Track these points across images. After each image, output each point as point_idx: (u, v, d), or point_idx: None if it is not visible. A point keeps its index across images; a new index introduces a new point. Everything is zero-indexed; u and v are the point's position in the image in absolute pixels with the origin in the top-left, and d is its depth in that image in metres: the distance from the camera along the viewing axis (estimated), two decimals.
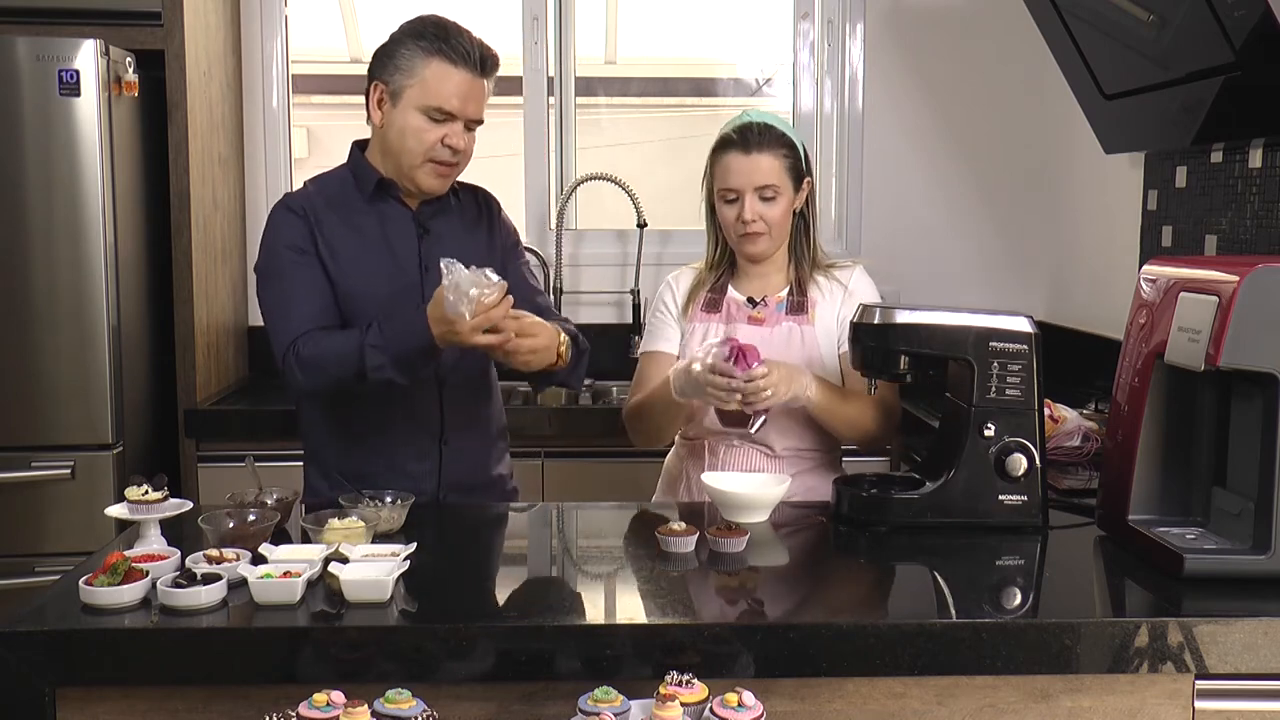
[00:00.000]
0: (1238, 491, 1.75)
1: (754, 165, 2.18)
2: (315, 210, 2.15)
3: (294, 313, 2.08)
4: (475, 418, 2.25)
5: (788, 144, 2.22)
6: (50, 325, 2.86)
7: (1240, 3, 2.20)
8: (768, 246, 2.24)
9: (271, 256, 2.14)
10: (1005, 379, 1.95)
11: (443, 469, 2.19)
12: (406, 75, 2.06)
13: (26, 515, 2.89)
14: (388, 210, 2.17)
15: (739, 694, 1.37)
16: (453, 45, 2.06)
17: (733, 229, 2.23)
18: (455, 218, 2.23)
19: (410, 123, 2.07)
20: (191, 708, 1.53)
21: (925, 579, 1.83)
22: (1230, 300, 1.61)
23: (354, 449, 2.17)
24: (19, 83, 2.80)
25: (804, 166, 2.25)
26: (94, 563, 1.68)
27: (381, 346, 1.97)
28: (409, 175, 2.11)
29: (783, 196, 2.20)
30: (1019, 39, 3.50)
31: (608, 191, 3.70)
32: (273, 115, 3.70)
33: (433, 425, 2.18)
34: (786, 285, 2.30)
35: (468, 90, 2.07)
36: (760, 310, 2.27)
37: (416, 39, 2.07)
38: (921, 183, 3.80)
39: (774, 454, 2.25)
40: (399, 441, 2.16)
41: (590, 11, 3.85)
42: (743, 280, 2.32)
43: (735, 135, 2.21)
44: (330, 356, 2.02)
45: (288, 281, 2.11)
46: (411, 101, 2.06)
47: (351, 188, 2.18)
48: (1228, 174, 2.63)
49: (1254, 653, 1.54)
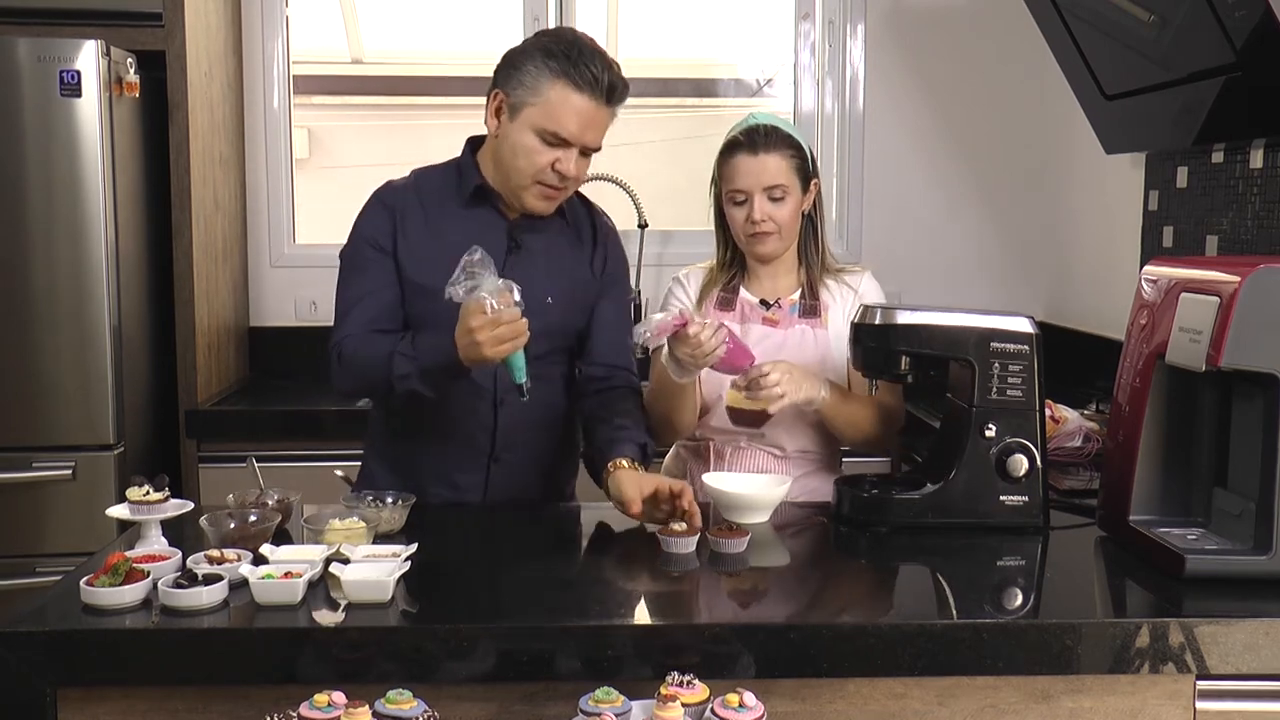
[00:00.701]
0: (1239, 492, 1.75)
1: (762, 166, 2.18)
2: (405, 205, 2.10)
3: (353, 311, 2.07)
4: (534, 438, 2.18)
5: (794, 145, 2.22)
6: (51, 325, 2.86)
7: (1241, 3, 2.20)
8: (777, 246, 2.24)
9: (350, 246, 2.12)
10: (1006, 379, 1.95)
11: (489, 485, 2.16)
12: (529, 92, 1.98)
13: (27, 515, 2.89)
14: (483, 217, 2.09)
15: (740, 694, 1.37)
16: (581, 70, 1.97)
17: (742, 230, 2.23)
18: (556, 235, 2.15)
19: (524, 141, 1.99)
20: (192, 708, 1.53)
21: (926, 579, 1.83)
22: (1231, 301, 1.61)
23: (407, 449, 2.16)
24: (20, 83, 2.80)
25: (811, 168, 2.25)
26: (95, 563, 1.68)
27: (411, 356, 1.96)
28: (514, 193, 2.06)
29: (791, 197, 2.21)
30: (1020, 39, 3.51)
31: (609, 192, 3.70)
32: (274, 116, 3.70)
33: (483, 442, 2.13)
34: (797, 287, 2.30)
35: (589, 118, 2.00)
36: (774, 312, 2.27)
37: (547, 56, 1.98)
38: (922, 183, 3.80)
39: (784, 454, 2.25)
40: (449, 452, 2.14)
41: (591, 12, 3.84)
42: (753, 282, 2.31)
43: (743, 137, 2.21)
44: (365, 360, 2.02)
45: (358, 277, 2.09)
46: (529, 120, 1.99)
47: (452, 187, 2.12)
48: (1229, 174, 2.63)
49: (1255, 653, 1.54)
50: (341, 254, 2.15)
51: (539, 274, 2.06)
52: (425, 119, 4.12)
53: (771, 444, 2.25)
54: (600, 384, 2.19)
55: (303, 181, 3.84)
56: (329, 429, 3.06)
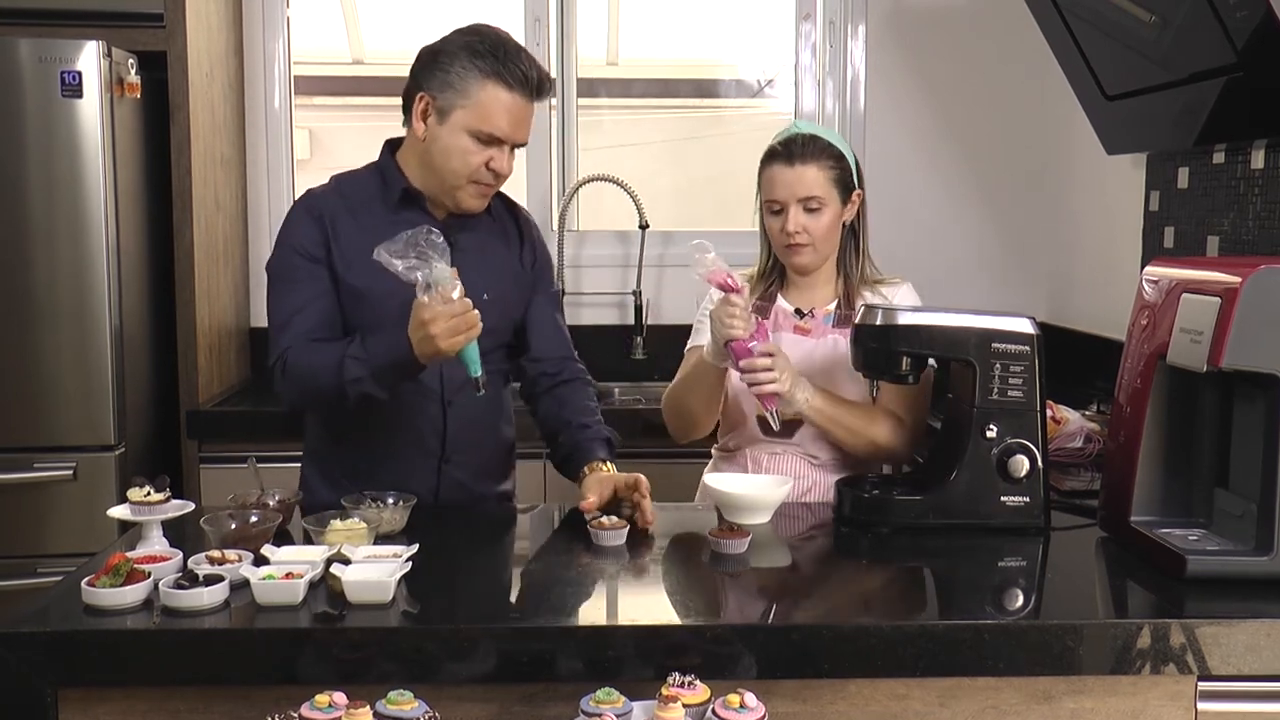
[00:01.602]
0: (1240, 493, 1.75)
1: (798, 177, 2.16)
2: (333, 212, 2.08)
3: (291, 322, 2.05)
4: (481, 438, 2.20)
5: (835, 155, 2.20)
6: (52, 326, 2.86)
7: (1242, 3, 2.20)
8: (812, 259, 2.23)
9: (280, 258, 2.10)
10: (1007, 380, 1.95)
11: (440, 487, 2.15)
12: (458, 94, 1.98)
13: (28, 516, 2.89)
14: (412, 220, 2.03)
15: (741, 695, 1.37)
16: (511, 69, 1.97)
17: (778, 240, 2.22)
18: (485, 233, 2.16)
19: (457, 143, 2.00)
20: (193, 709, 1.53)
21: (927, 580, 1.83)
22: (1232, 301, 1.61)
23: (353, 456, 2.14)
24: (21, 84, 2.80)
25: (854, 179, 2.23)
26: (96, 564, 1.68)
27: (363, 359, 1.93)
28: (449, 194, 2.05)
29: (828, 208, 2.18)
30: (1021, 40, 3.50)
31: (610, 193, 3.70)
32: (275, 116, 3.70)
33: (434, 444, 2.13)
34: (835, 298, 2.28)
35: (520, 116, 2.00)
36: (807, 321, 2.26)
37: (473, 56, 1.98)
38: (923, 184, 3.80)
39: (820, 462, 2.24)
40: (398, 455, 2.12)
41: (592, 13, 3.85)
42: (791, 291, 2.30)
43: (780, 147, 2.20)
44: (314, 367, 1.99)
45: (291, 288, 2.07)
46: (460, 122, 1.99)
47: (375, 192, 2.11)
48: (1230, 175, 2.63)
49: (1256, 654, 1.54)
50: (269, 266, 2.12)
51: (474, 272, 2.01)
52: None
53: (806, 452, 2.24)
54: (552, 380, 2.22)
55: (304, 182, 3.82)
56: None
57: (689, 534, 2.00)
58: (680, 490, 2.54)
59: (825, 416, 2.14)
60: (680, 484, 2.55)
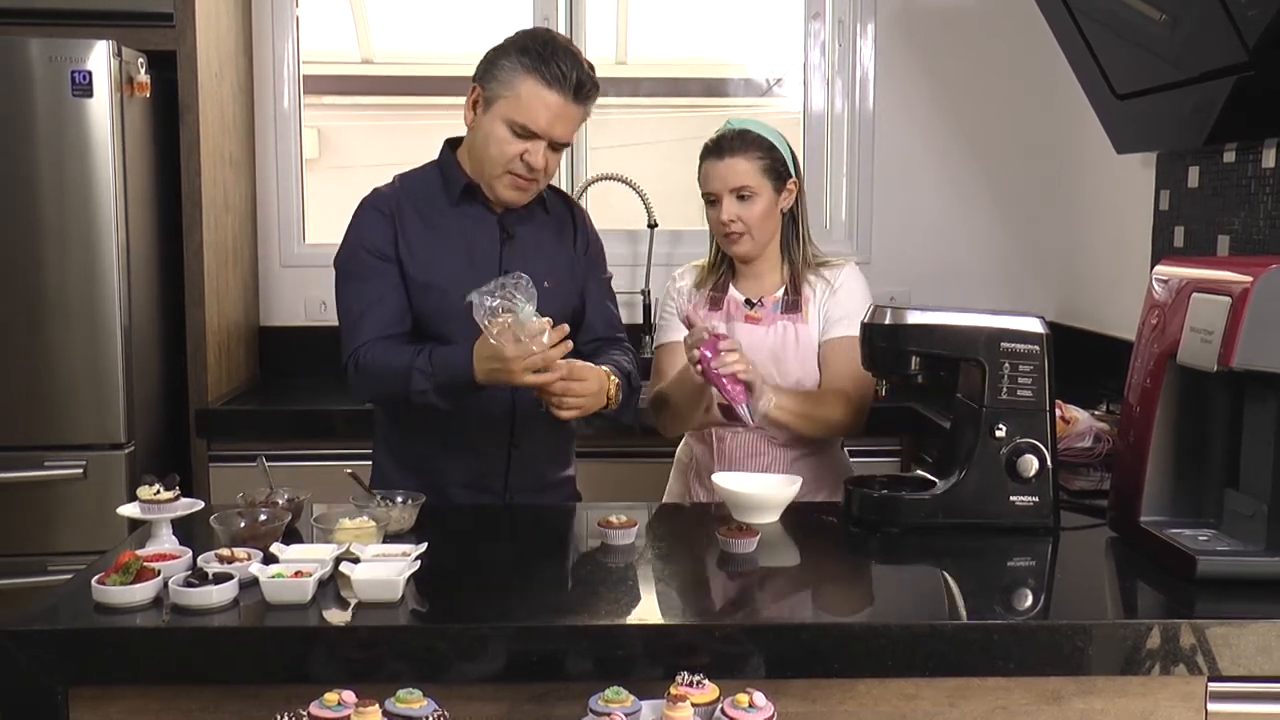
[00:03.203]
0: (1251, 493, 1.75)
1: (728, 169, 2.26)
2: (400, 210, 2.16)
3: (364, 319, 2.10)
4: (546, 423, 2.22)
5: (764, 146, 2.28)
6: (62, 325, 2.87)
7: (1254, 2, 2.19)
8: (750, 246, 2.31)
9: (351, 257, 2.16)
10: (1016, 380, 1.94)
11: (510, 472, 2.21)
12: (502, 86, 2.07)
13: (39, 514, 2.90)
14: (472, 213, 2.17)
15: (750, 695, 1.37)
16: (550, 67, 2.05)
17: (717, 230, 2.32)
18: (541, 226, 2.24)
19: (495, 132, 2.08)
20: (203, 707, 1.53)
21: (936, 580, 1.83)
22: (1243, 301, 1.61)
23: (423, 441, 2.19)
24: (32, 84, 2.81)
25: (788, 168, 2.30)
26: (106, 562, 1.68)
27: (429, 373, 2.00)
28: (488, 183, 2.13)
29: (760, 197, 2.27)
30: (1030, 39, 3.50)
31: (619, 192, 3.70)
32: (284, 116, 3.71)
33: (503, 430, 2.19)
34: (782, 285, 2.35)
35: (557, 113, 2.07)
36: (757, 310, 2.34)
37: (521, 53, 2.07)
38: (932, 183, 3.79)
39: (779, 441, 2.31)
40: (468, 441, 2.18)
41: (601, 12, 3.85)
42: (741, 281, 2.39)
43: (711, 143, 2.32)
44: (384, 370, 2.05)
45: (364, 285, 2.13)
46: (500, 112, 2.07)
47: (438, 188, 2.19)
48: (1240, 174, 2.62)
49: (1267, 655, 1.53)
50: (339, 264, 2.18)
51: (533, 260, 2.12)
52: (435, 119, 4.11)
53: (767, 432, 2.29)
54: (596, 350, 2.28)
55: (313, 181, 3.85)
56: (339, 428, 3.07)
57: (698, 533, 2.00)
58: None
59: (789, 413, 2.19)
60: None
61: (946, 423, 2.20)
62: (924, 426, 2.95)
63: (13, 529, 2.89)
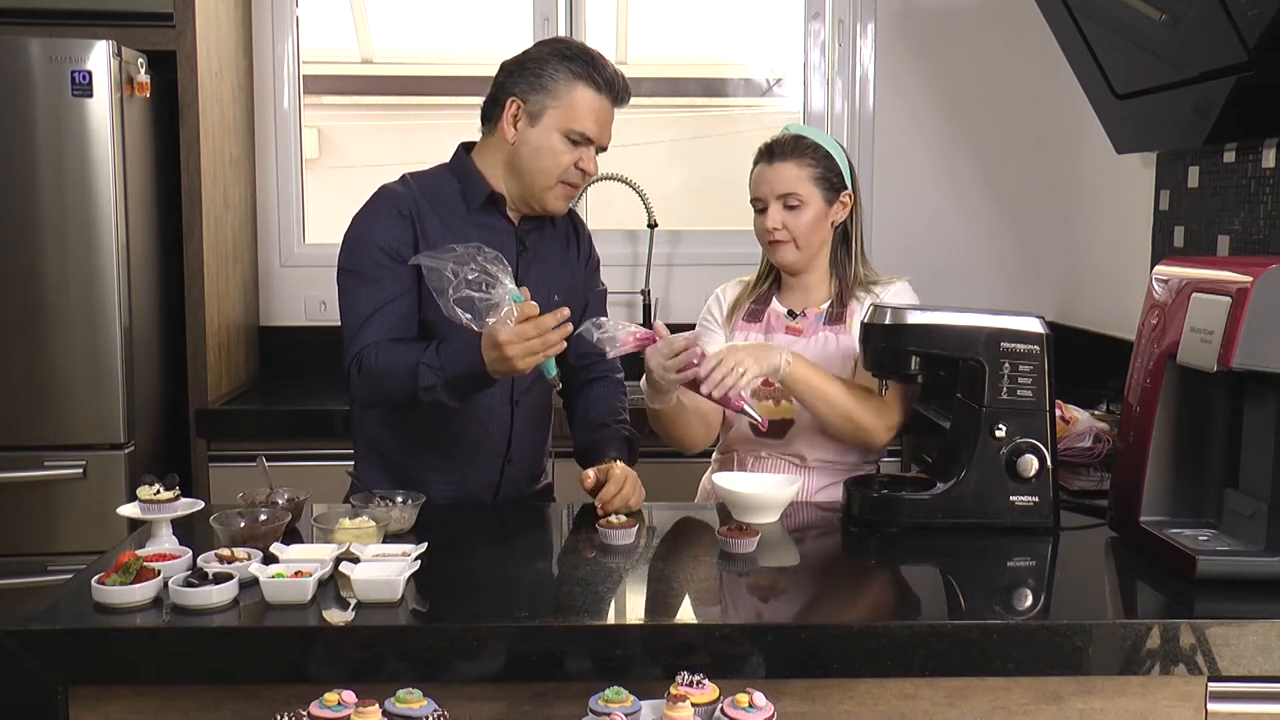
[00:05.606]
0: (1250, 493, 1.75)
1: (776, 174, 2.21)
2: (419, 211, 2.09)
3: (370, 321, 2.04)
4: (538, 437, 2.27)
5: (818, 154, 2.21)
6: (62, 325, 2.87)
7: (1254, 2, 2.19)
8: (795, 256, 2.24)
9: (360, 255, 2.08)
10: (1016, 380, 1.94)
11: (501, 485, 2.20)
12: (550, 95, 2.05)
13: (39, 514, 2.90)
14: (491, 223, 2.12)
15: (750, 694, 1.37)
16: (601, 72, 2.06)
17: (761, 237, 2.26)
18: (551, 239, 2.23)
19: (548, 143, 2.06)
20: (203, 707, 1.53)
21: (936, 580, 1.83)
22: (1243, 301, 1.61)
23: (416, 454, 2.15)
24: (32, 83, 2.81)
25: (842, 179, 2.23)
26: (106, 562, 1.68)
27: (437, 368, 1.94)
28: (537, 195, 2.10)
29: (808, 206, 2.20)
30: (1030, 39, 3.50)
31: (618, 192, 3.70)
32: (284, 116, 3.71)
33: (500, 444, 2.18)
34: (828, 299, 2.29)
35: (605, 117, 2.09)
36: (799, 321, 2.27)
37: (565, 61, 2.06)
38: (932, 183, 3.80)
39: (804, 464, 2.25)
40: (464, 455, 2.15)
41: (601, 12, 3.85)
42: (786, 293, 2.32)
43: (764, 147, 2.26)
44: (389, 371, 1.99)
45: (373, 286, 2.05)
46: (553, 123, 2.05)
47: (456, 194, 2.13)
48: (1240, 174, 2.62)
49: (1267, 655, 1.53)
50: (346, 260, 2.10)
51: (545, 274, 2.12)
52: (435, 119, 4.12)
53: (792, 454, 2.25)
54: (585, 374, 2.30)
55: (312, 181, 3.85)
56: (339, 428, 3.06)
57: (698, 533, 2.01)
58: (681, 490, 2.55)
59: (803, 384, 2.11)
60: (681, 484, 2.55)
61: (946, 423, 2.20)
62: (924, 426, 2.95)
63: (13, 529, 2.89)
